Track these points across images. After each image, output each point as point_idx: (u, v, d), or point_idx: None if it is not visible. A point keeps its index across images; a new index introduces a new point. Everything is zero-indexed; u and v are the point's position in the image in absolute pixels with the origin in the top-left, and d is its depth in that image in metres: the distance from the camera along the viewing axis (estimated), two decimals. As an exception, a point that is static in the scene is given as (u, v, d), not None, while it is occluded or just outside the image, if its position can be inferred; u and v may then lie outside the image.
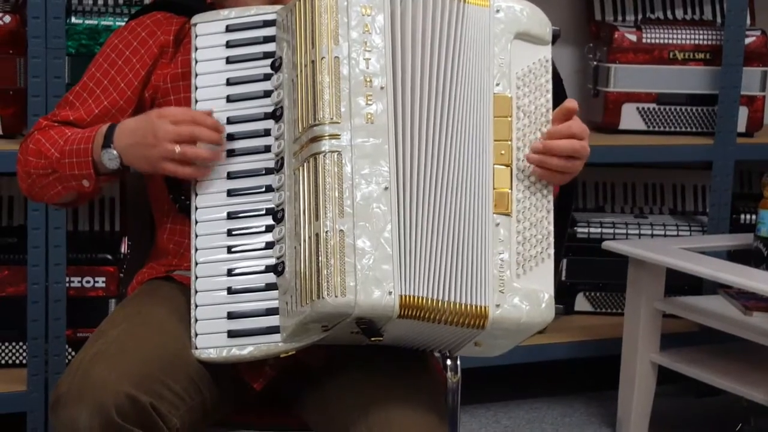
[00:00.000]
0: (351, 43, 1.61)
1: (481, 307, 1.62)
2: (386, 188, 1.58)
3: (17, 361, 2.74)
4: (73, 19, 2.67)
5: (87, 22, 2.68)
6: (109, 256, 2.74)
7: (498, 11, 1.70)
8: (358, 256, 1.55)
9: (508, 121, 1.68)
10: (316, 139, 1.59)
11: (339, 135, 1.59)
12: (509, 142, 1.67)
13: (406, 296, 1.57)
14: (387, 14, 1.63)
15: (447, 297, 1.60)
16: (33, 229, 2.59)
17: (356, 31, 1.62)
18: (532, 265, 1.66)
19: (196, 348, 1.65)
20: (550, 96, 1.71)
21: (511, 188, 1.66)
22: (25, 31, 2.58)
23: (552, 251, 1.68)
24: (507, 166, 1.67)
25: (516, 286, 1.64)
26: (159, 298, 1.77)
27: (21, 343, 2.72)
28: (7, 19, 2.63)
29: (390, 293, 1.55)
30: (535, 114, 1.70)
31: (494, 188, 1.65)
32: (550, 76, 1.72)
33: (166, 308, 1.73)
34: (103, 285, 2.72)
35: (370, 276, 1.55)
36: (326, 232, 1.56)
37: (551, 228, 1.68)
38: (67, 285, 2.66)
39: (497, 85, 1.68)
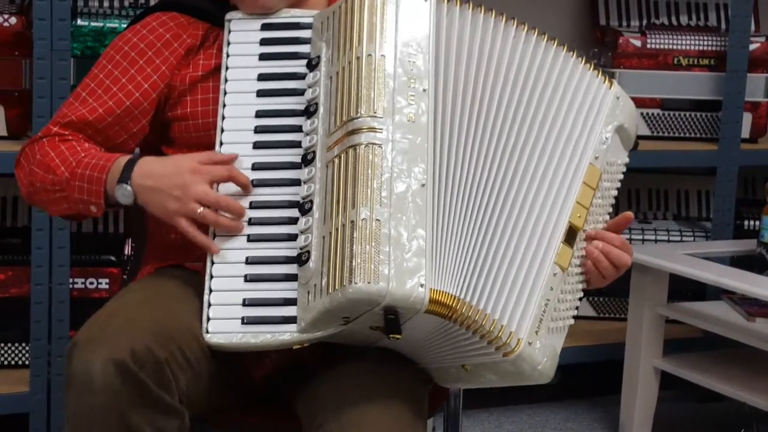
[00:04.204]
0: (398, 44, 1.64)
1: (515, 336, 1.62)
2: (423, 185, 1.60)
3: (20, 362, 2.74)
4: (79, 21, 2.67)
5: (92, 24, 2.68)
6: (113, 258, 2.74)
7: (618, 98, 1.79)
8: (393, 246, 1.55)
9: (592, 191, 1.73)
10: (356, 131, 1.61)
11: (380, 129, 1.61)
12: (586, 210, 1.72)
13: (436, 291, 1.57)
14: (433, 23, 1.66)
15: (481, 306, 1.61)
16: (37, 230, 2.60)
17: (403, 34, 1.65)
18: (559, 326, 1.69)
19: (207, 332, 1.64)
20: (616, 193, 1.79)
21: (574, 249, 1.70)
22: (30, 32, 2.59)
23: (572, 323, 1.73)
24: (577, 228, 1.71)
25: (546, 335, 1.66)
26: (170, 278, 1.76)
27: (24, 344, 2.73)
28: (13, 20, 2.64)
29: (422, 286, 1.55)
30: (607, 199, 1.78)
31: (562, 241, 1.69)
32: (621, 177, 1.81)
33: (178, 285, 1.73)
34: (107, 286, 2.73)
35: (404, 267, 1.55)
36: (363, 219, 1.56)
37: (578, 303, 1.74)
38: (71, 286, 2.66)
39: (596, 158, 1.74)
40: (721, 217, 3.26)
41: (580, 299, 1.75)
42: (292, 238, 1.65)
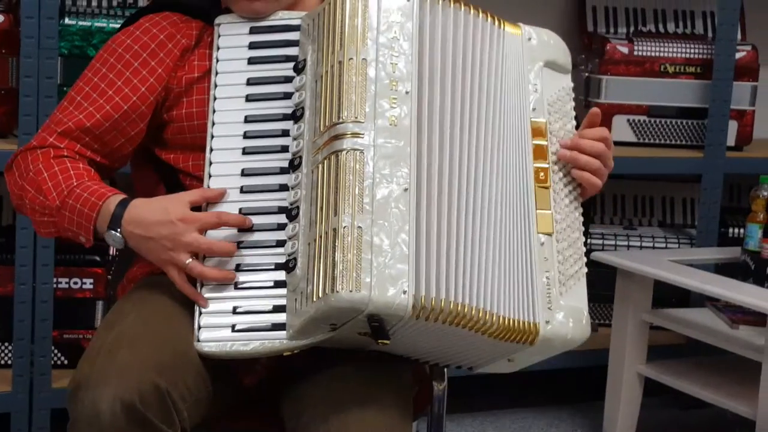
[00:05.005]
0: (379, 47, 1.63)
1: (530, 323, 1.65)
2: (406, 189, 1.59)
3: (2, 362, 2.73)
4: (67, 20, 2.66)
5: (80, 23, 2.67)
6: (98, 258, 2.73)
7: (530, 39, 1.78)
8: (375, 254, 1.55)
9: (544, 145, 1.73)
10: (339, 137, 1.60)
11: (361, 134, 1.60)
12: (547, 165, 1.72)
13: (420, 297, 1.56)
14: (415, 22, 1.66)
15: (483, 306, 1.62)
16: (21, 229, 2.59)
17: (385, 36, 1.64)
18: (572, 284, 1.70)
19: (198, 341, 1.64)
20: (574, 122, 1.79)
21: (552, 209, 1.71)
22: (18, 30, 2.58)
23: (585, 270, 1.74)
24: (546, 188, 1.71)
25: (561, 303, 1.68)
26: (161, 289, 1.74)
27: (7, 344, 2.72)
28: (0, 18, 2.63)
29: (404, 292, 1.55)
30: (564, 138, 1.77)
31: (537, 209, 1.69)
32: (573, 103, 1.80)
33: (169, 298, 1.71)
34: (91, 287, 2.72)
35: (386, 274, 1.55)
36: (344, 227, 1.56)
37: (584, 248, 1.74)
38: (55, 286, 2.65)
39: (534, 110, 1.74)
40: (705, 224, 3.27)
41: (585, 239, 1.75)
42: (281, 244, 1.65)
